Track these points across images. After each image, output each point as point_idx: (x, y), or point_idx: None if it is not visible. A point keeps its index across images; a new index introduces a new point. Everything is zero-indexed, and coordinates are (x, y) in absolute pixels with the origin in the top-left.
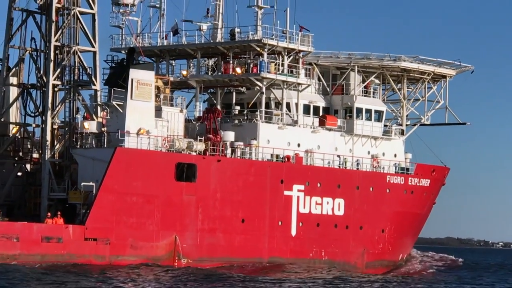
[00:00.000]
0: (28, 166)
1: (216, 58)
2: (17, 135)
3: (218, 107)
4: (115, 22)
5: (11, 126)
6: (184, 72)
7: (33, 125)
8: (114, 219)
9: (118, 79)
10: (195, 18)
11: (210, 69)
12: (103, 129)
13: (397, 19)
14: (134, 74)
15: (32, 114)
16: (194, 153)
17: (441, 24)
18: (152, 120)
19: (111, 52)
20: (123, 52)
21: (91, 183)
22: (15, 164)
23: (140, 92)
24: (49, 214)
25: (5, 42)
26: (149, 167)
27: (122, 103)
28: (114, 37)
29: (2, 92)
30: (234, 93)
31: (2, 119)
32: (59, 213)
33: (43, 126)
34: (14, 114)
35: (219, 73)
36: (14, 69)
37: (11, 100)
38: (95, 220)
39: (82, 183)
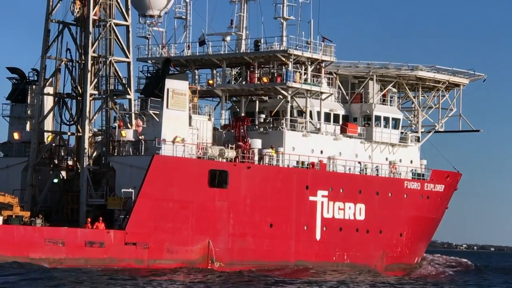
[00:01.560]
0: (63, 173)
1: (239, 68)
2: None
3: (243, 115)
4: (142, 33)
5: (46, 134)
6: (211, 81)
7: (68, 133)
8: (152, 224)
9: (154, 89)
10: (219, 29)
11: (233, 78)
12: (140, 137)
13: (413, 29)
14: (170, 84)
15: (67, 123)
16: (224, 160)
17: (455, 34)
18: (186, 128)
19: (138, 62)
20: (149, 62)
21: (130, 190)
22: (51, 172)
23: (175, 101)
24: (89, 219)
25: (42, 53)
26: (184, 174)
27: (158, 112)
28: (141, 47)
29: (39, 101)
30: (257, 102)
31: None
32: (100, 218)
33: (78, 134)
34: (49, 122)
35: (243, 82)
36: (50, 79)
37: (47, 109)
38: (135, 225)
39: (122, 190)
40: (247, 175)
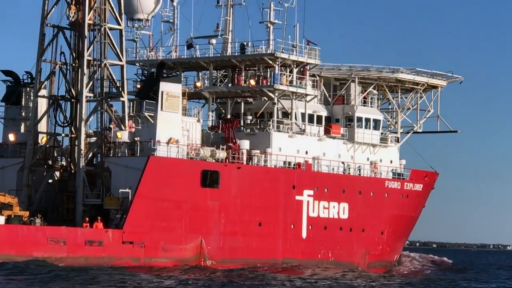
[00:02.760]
0: (57, 174)
1: (225, 70)
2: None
3: (229, 116)
4: (130, 36)
5: (40, 135)
6: (198, 84)
7: (63, 135)
8: (148, 224)
9: (149, 92)
10: (205, 32)
11: (219, 81)
12: (136, 138)
13: (393, 32)
14: (164, 86)
15: (62, 124)
16: (214, 161)
17: (434, 36)
18: (179, 130)
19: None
20: (137, 64)
21: (127, 190)
22: (45, 172)
23: (169, 103)
24: (87, 219)
25: (38, 56)
26: (178, 175)
27: (153, 114)
28: (128, 50)
29: (35, 104)
30: (242, 104)
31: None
32: (99, 218)
33: (71, 135)
34: (43, 124)
35: (229, 85)
36: (45, 82)
37: (41, 111)
38: (132, 225)
39: (120, 190)
40: (237, 175)
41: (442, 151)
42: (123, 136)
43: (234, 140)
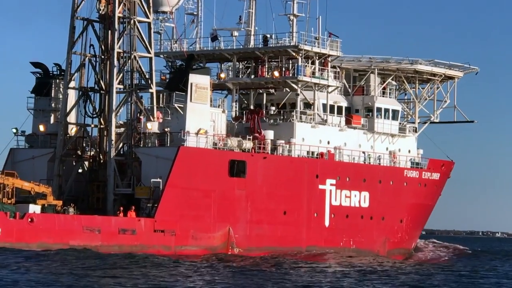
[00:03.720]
0: (86, 164)
1: (247, 61)
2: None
3: (252, 107)
4: (154, 28)
5: (70, 126)
6: (223, 75)
7: (92, 126)
8: (179, 213)
9: (179, 83)
10: (227, 24)
11: (241, 72)
12: (166, 129)
13: (413, 23)
14: (193, 78)
15: (91, 115)
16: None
17: (451, 26)
18: (208, 120)
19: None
20: (161, 56)
21: (158, 180)
22: (74, 162)
23: (198, 95)
24: (121, 208)
25: (68, 48)
26: (207, 164)
27: (182, 106)
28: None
29: (66, 95)
30: (264, 94)
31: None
32: (133, 207)
33: (100, 126)
34: (72, 115)
35: (252, 76)
36: (75, 74)
37: (70, 103)
38: (163, 214)
39: (152, 180)
40: (263, 165)
41: (457, 141)
42: (153, 127)
43: (259, 131)
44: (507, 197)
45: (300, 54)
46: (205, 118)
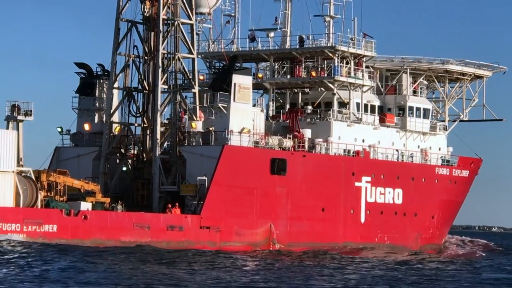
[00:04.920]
0: (130, 162)
1: (282, 62)
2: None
3: (288, 106)
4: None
5: (114, 125)
6: (260, 75)
7: (136, 124)
8: (223, 209)
9: (222, 84)
10: (263, 25)
11: (277, 72)
12: (210, 128)
13: (444, 23)
14: (236, 79)
15: (134, 115)
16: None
17: (482, 27)
18: (250, 120)
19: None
20: (199, 56)
21: (203, 177)
22: (118, 160)
23: (241, 95)
24: (169, 205)
25: (113, 49)
26: (249, 162)
27: (226, 105)
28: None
29: (111, 95)
30: (300, 94)
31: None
32: (177, 204)
33: (143, 125)
34: (116, 114)
35: (288, 76)
36: (120, 74)
37: (114, 102)
38: (208, 211)
39: (198, 178)
40: (302, 163)
41: (483, 138)
42: (198, 126)
43: (298, 129)
44: (503, 192)
45: (337, 55)
46: (248, 117)
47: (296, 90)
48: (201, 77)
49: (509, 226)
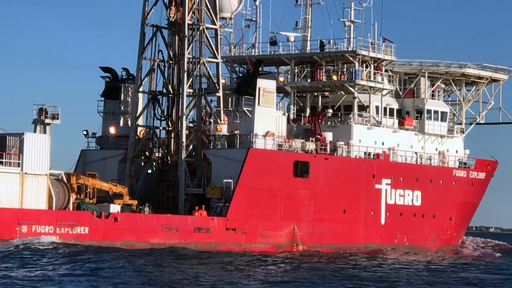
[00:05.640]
0: (154, 164)
1: (302, 65)
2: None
3: (308, 110)
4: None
5: (139, 128)
6: (281, 79)
7: (160, 128)
8: (248, 212)
9: (247, 88)
10: (284, 30)
11: (297, 76)
12: (235, 132)
13: (462, 27)
14: (261, 83)
15: (159, 118)
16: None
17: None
18: (274, 123)
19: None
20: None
21: (229, 180)
22: (143, 163)
23: (265, 99)
24: (197, 208)
25: (139, 54)
26: (273, 165)
27: (251, 109)
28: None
29: (137, 99)
30: (320, 97)
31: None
32: (203, 206)
33: (168, 128)
34: (140, 117)
35: (308, 80)
36: (145, 78)
37: (139, 106)
38: (234, 213)
39: (224, 180)
40: (325, 165)
41: (498, 141)
42: (222, 129)
43: (320, 133)
44: (500, 192)
45: (357, 59)
46: (271, 121)
47: (316, 94)
48: (223, 81)
49: (506, 227)
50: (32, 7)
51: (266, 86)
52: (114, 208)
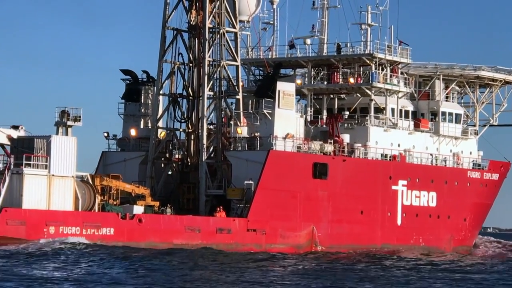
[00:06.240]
0: (174, 166)
1: (318, 68)
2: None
3: (325, 112)
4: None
5: (159, 130)
6: (299, 81)
7: (180, 130)
8: (268, 213)
9: (267, 90)
10: (301, 33)
11: (314, 78)
12: (256, 134)
13: (478, 30)
14: (280, 86)
15: (179, 120)
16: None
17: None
18: (293, 125)
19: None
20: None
21: (250, 182)
22: (163, 164)
23: (285, 101)
24: (218, 208)
25: (160, 57)
26: (293, 167)
27: (271, 111)
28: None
29: (157, 101)
30: (336, 99)
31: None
32: (221, 207)
33: (188, 130)
34: (161, 120)
35: (325, 82)
36: (165, 81)
37: (159, 108)
38: (255, 214)
39: (245, 182)
40: (343, 167)
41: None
42: (243, 131)
43: (338, 135)
44: (500, 192)
45: (374, 62)
46: (291, 123)
47: (332, 96)
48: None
49: (504, 227)
50: (50, 11)
51: (286, 88)
52: (138, 209)
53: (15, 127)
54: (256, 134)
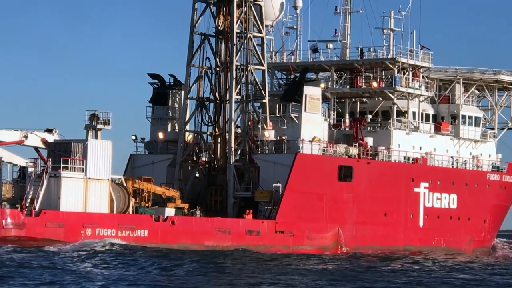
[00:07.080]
0: (202, 168)
1: (340, 72)
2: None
3: (347, 115)
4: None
5: (187, 133)
6: (323, 85)
7: (207, 133)
8: (296, 215)
9: (294, 95)
10: (323, 37)
11: (336, 82)
12: (283, 137)
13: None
14: (307, 90)
15: (207, 123)
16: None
17: None
18: (319, 129)
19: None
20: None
21: (278, 184)
22: (190, 167)
23: (311, 105)
24: (247, 211)
25: (188, 61)
26: (319, 170)
27: (297, 115)
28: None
29: (185, 105)
30: (358, 103)
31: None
32: (250, 210)
33: (215, 134)
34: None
35: (347, 86)
36: (193, 85)
37: (187, 111)
38: (283, 216)
39: (273, 184)
40: (367, 170)
41: None
42: (270, 135)
43: (362, 138)
44: None
45: (397, 66)
46: (317, 126)
47: (354, 100)
48: None
49: (503, 227)
50: (83, 18)
51: (312, 93)
52: (169, 211)
53: (49, 131)
54: (284, 138)
